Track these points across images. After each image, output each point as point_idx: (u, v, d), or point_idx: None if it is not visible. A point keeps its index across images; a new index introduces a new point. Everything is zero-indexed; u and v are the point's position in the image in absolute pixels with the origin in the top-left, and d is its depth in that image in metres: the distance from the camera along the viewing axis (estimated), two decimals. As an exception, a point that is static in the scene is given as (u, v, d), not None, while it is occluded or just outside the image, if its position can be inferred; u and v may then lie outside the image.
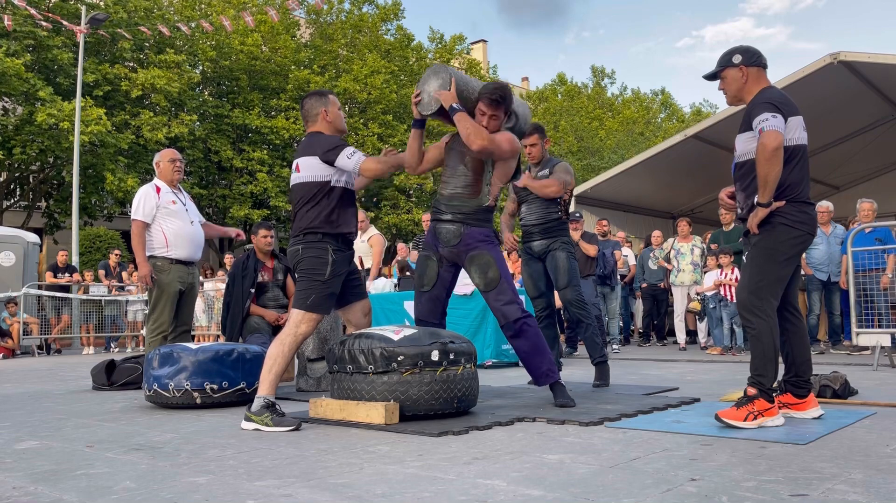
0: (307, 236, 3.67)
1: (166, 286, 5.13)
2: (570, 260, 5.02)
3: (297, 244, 3.70)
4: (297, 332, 3.59)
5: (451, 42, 26.95)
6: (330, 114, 3.85)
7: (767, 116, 3.16)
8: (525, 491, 2.19)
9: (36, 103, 17.19)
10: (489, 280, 3.85)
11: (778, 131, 3.12)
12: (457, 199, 3.94)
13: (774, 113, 3.17)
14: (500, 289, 3.84)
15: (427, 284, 4.04)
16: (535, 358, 3.86)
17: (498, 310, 3.85)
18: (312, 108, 3.85)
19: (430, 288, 4.03)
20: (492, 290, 3.85)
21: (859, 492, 2.09)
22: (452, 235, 3.94)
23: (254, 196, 21.33)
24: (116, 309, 12.67)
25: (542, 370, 3.87)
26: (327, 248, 3.66)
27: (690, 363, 7.12)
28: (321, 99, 3.86)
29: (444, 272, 4.04)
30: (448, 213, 3.96)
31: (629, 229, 13.72)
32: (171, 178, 5.31)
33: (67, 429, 3.62)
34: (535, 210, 5.11)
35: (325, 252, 3.65)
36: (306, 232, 3.67)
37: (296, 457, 2.76)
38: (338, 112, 3.88)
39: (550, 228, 5.06)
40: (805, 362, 3.41)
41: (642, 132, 35.24)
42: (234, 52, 21.26)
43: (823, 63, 10.26)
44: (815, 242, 8.17)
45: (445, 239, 3.96)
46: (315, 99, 3.87)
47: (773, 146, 3.11)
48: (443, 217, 3.98)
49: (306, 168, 3.71)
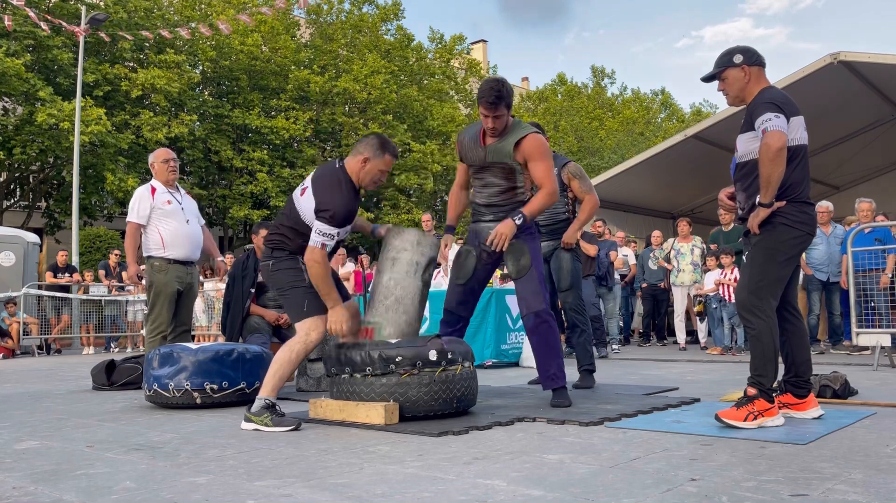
0: (275, 252, 3.67)
1: (164, 286, 5.12)
2: (575, 262, 4.97)
3: (268, 261, 3.69)
4: (307, 341, 3.57)
5: (451, 42, 26.94)
6: (368, 166, 3.61)
7: (770, 116, 3.16)
8: (525, 491, 2.19)
9: (36, 103, 17.19)
10: (521, 267, 3.89)
11: (782, 131, 3.12)
12: (496, 205, 4.02)
13: (777, 113, 3.17)
14: (530, 278, 3.88)
15: (462, 277, 4.09)
16: (548, 357, 3.88)
17: (523, 297, 3.88)
18: (365, 148, 3.64)
19: (466, 281, 4.09)
20: (521, 278, 3.89)
21: (859, 492, 2.09)
22: None
23: (254, 196, 21.33)
24: (116, 309, 12.67)
25: (550, 372, 3.89)
26: (297, 258, 3.65)
27: (690, 363, 7.12)
28: (378, 149, 3.63)
29: (481, 270, 4.10)
30: (489, 215, 4.04)
31: (629, 229, 13.72)
32: (166, 178, 5.30)
33: (67, 429, 3.62)
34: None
35: (296, 261, 3.64)
36: (275, 248, 3.67)
37: (296, 457, 2.76)
38: (377, 172, 3.64)
39: (558, 229, 5.01)
40: (805, 362, 3.41)
41: (642, 132, 35.25)
42: (234, 52, 21.25)
43: (823, 63, 10.27)
44: (815, 242, 8.16)
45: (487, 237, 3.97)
46: (374, 144, 3.64)
47: (778, 146, 3.10)
48: (484, 218, 4.07)
49: (307, 203, 3.58)
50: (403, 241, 3.83)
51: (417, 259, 3.79)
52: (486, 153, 4.00)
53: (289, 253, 3.65)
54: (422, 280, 3.82)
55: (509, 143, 3.94)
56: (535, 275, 3.89)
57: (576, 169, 5.07)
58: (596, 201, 4.98)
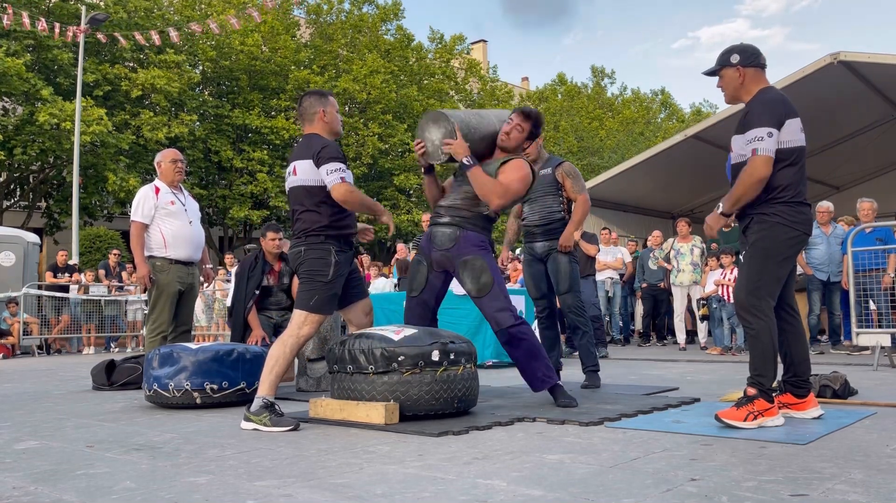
0: (309, 237, 3.66)
1: (165, 286, 5.12)
2: (572, 263, 4.93)
3: (300, 245, 3.68)
4: (299, 334, 3.58)
5: (451, 42, 26.94)
6: (328, 114, 3.81)
7: (763, 135, 3.16)
8: (525, 491, 2.19)
9: (37, 103, 17.18)
10: (482, 285, 3.83)
11: (770, 157, 3.15)
12: (456, 207, 3.98)
13: (771, 129, 3.17)
14: (493, 295, 3.82)
15: (416, 289, 4.04)
16: (531, 363, 3.83)
17: (491, 316, 3.83)
18: (311, 106, 3.81)
19: (419, 293, 4.03)
20: (485, 296, 3.82)
21: (859, 492, 2.09)
22: (447, 238, 3.94)
23: (254, 196, 21.33)
24: (116, 309, 12.66)
25: (537, 376, 3.85)
26: (330, 248, 3.64)
27: (690, 363, 7.12)
28: (321, 99, 3.82)
29: (433, 278, 4.03)
30: (447, 217, 3.98)
31: (629, 229, 13.72)
32: (172, 178, 5.30)
33: (67, 429, 3.62)
34: (538, 210, 5.02)
35: (328, 253, 3.63)
36: (308, 233, 3.66)
37: (296, 457, 2.76)
38: (335, 114, 3.85)
39: (553, 229, 4.96)
40: (803, 362, 3.41)
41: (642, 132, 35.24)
42: (234, 52, 21.26)
43: (823, 63, 10.26)
44: (816, 242, 8.16)
45: (440, 241, 3.96)
46: (314, 98, 3.83)
47: (761, 176, 3.17)
48: (440, 220, 4.00)
49: (303, 171, 3.68)
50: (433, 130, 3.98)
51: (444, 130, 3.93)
52: None
53: (323, 239, 3.65)
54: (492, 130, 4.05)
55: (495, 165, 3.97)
56: (497, 291, 3.83)
57: (570, 168, 5.05)
58: (588, 201, 4.96)
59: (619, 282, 10.69)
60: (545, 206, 5.00)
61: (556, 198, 4.99)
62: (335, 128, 3.84)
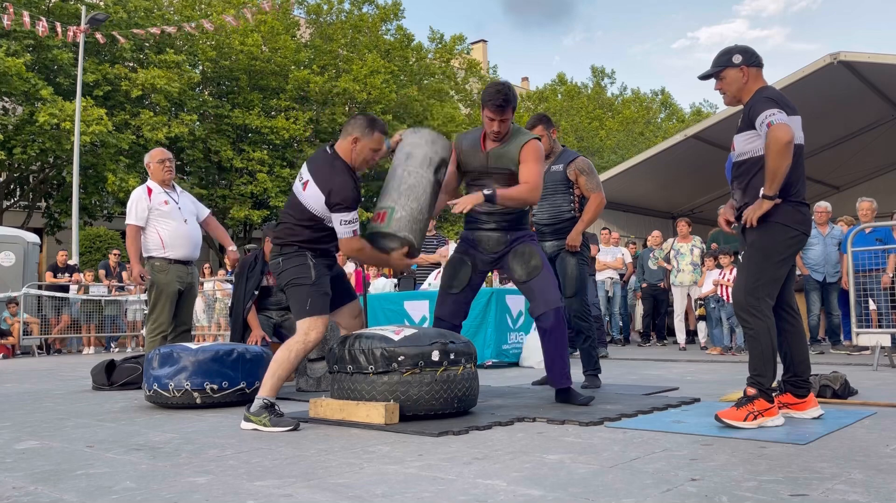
0: (284, 249, 3.66)
1: (165, 286, 5.13)
2: (580, 267, 4.84)
3: (277, 257, 3.68)
4: (306, 340, 3.56)
5: (451, 42, 26.94)
6: (359, 146, 3.64)
7: (774, 111, 3.15)
8: (525, 491, 2.19)
9: (37, 103, 17.18)
10: (532, 268, 3.87)
11: (788, 124, 3.12)
12: (497, 213, 3.96)
13: (778, 108, 3.17)
14: (543, 277, 3.87)
15: (457, 287, 4.02)
16: (563, 355, 3.89)
17: (539, 298, 3.83)
18: (352, 128, 3.66)
19: (459, 291, 4.03)
20: (534, 278, 3.86)
21: (859, 492, 2.09)
22: (496, 242, 3.98)
23: (254, 196, 21.31)
24: (116, 309, 12.67)
25: (564, 372, 3.92)
26: (306, 254, 3.64)
27: (690, 363, 7.12)
28: (365, 129, 3.65)
29: (475, 279, 4.06)
30: (491, 223, 3.98)
31: (629, 229, 13.72)
32: (162, 178, 5.31)
33: (67, 429, 3.62)
34: (546, 208, 4.90)
35: (305, 258, 3.63)
36: (284, 245, 3.67)
37: (296, 457, 2.76)
38: (368, 152, 3.66)
39: (562, 229, 4.86)
40: (803, 362, 3.41)
41: (642, 132, 35.27)
42: (234, 52, 21.24)
43: (823, 63, 10.27)
44: (812, 243, 8.15)
45: (490, 246, 3.98)
46: (362, 123, 3.66)
47: (787, 139, 3.09)
48: (484, 226, 4.00)
49: (312, 198, 3.58)
50: (420, 137, 3.83)
51: (431, 155, 3.78)
52: (487, 158, 3.95)
53: (297, 248, 3.64)
54: (433, 176, 3.78)
55: (513, 147, 3.89)
56: (546, 273, 3.88)
57: (584, 164, 4.90)
58: (602, 200, 4.84)
59: (619, 282, 10.69)
60: (554, 204, 4.90)
61: (566, 196, 4.88)
62: (357, 161, 3.67)
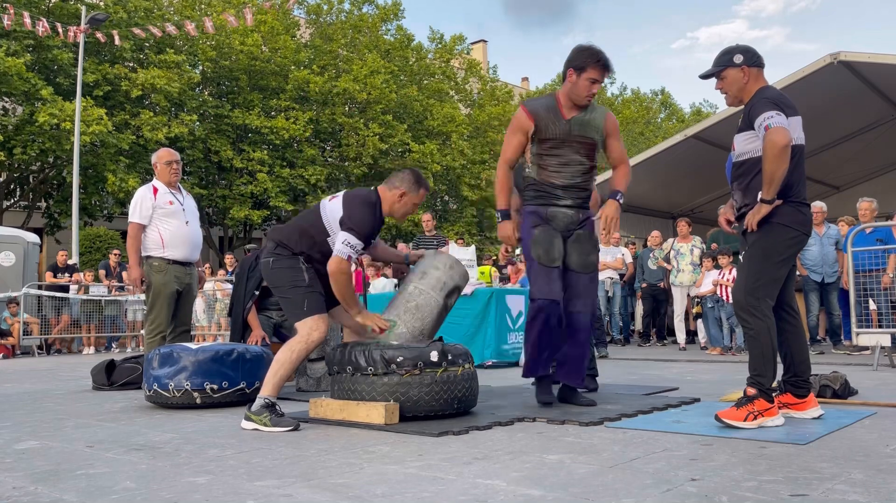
0: (277, 248, 3.66)
1: (163, 286, 5.12)
2: None
3: (268, 257, 3.67)
4: (308, 340, 3.55)
5: (451, 42, 26.94)
6: (402, 200, 3.68)
7: (772, 114, 3.15)
8: (525, 491, 2.19)
9: (37, 103, 17.18)
10: (589, 263, 3.86)
11: (785, 128, 3.12)
12: (576, 187, 3.87)
13: (777, 111, 3.17)
14: (594, 277, 3.88)
15: (558, 259, 3.81)
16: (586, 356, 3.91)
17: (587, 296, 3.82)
18: (399, 180, 3.70)
19: (561, 261, 3.83)
20: (588, 274, 3.84)
21: (859, 492, 2.09)
22: (570, 221, 3.89)
23: (254, 196, 21.31)
24: (116, 309, 12.66)
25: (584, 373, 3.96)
26: (297, 258, 3.64)
27: (690, 363, 7.12)
28: (412, 184, 3.69)
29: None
30: (567, 199, 3.86)
31: (629, 229, 13.71)
32: (168, 179, 5.30)
33: (67, 429, 3.62)
34: None
35: (296, 261, 3.63)
36: (278, 244, 3.66)
37: (296, 457, 2.76)
38: (409, 206, 3.71)
39: None
40: (803, 362, 3.41)
41: (642, 132, 35.24)
42: (234, 52, 21.25)
43: (823, 63, 10.27)
44: (809, 243, 8.14)
45: (562, 224, 3.87)
46: (410, 179, 3.70)
47: (783, 143, 3.09)
48: (559, 202, 3.86)
49: (332, 210, 3.59)
50: (438, 261, 3.84)
51: (446, 280, 3.78)
52: (570, 126, 3.79)
53: (291, 253, 3.65)
54: (444, 300, 3.77)
55: (598, 116, 3.81)
56: (596, 273, 3.89)
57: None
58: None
59: (619, 282, 10.69)
60: None
61: None
62: (398, 213, 3.71)
